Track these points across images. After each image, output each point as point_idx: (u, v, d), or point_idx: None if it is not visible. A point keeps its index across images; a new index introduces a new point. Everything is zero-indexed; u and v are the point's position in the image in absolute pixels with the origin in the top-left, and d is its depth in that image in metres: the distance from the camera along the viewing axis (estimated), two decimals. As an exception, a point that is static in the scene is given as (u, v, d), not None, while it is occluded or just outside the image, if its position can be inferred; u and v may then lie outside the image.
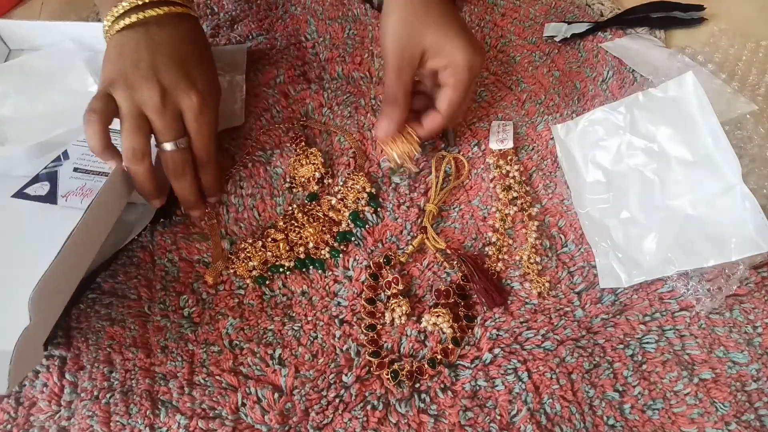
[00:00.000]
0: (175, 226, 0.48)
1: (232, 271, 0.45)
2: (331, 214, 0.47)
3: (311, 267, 0.45)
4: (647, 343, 0.41)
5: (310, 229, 0.46)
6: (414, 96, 0.47)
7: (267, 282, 0.45)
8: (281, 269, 0.45)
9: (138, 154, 0.41)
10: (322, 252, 0.46)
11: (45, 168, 0.44)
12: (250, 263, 0.45)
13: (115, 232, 0.45)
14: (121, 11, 0.42)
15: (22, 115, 0.53)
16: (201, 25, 0.49)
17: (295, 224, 0.47)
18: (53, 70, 0.56)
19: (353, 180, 0.49)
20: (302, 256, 0.46)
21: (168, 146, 0.43)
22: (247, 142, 0.53)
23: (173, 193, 0.46)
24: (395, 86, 0.45)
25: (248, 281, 0.45)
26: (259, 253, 0.45)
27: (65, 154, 0.45)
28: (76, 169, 0.44)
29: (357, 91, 0.57)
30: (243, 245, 0.46)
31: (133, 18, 0.42)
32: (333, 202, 0.48)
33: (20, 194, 0.42)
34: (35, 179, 0.43)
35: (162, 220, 0.48)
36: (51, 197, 0.42)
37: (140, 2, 0.43)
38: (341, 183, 0.49)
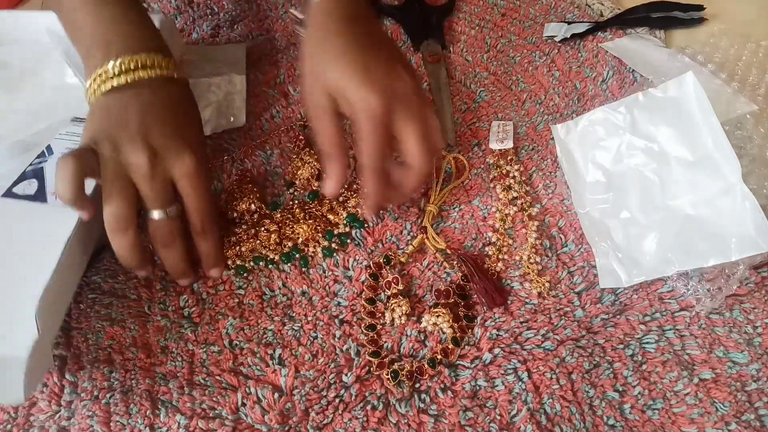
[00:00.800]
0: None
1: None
2: (329, 215, 0.47)
3: (295, 262, 0.46)
4: (647, 343, 0.41)
5: (304, 226, 0.46)
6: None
7: (246, 273, 0.45)
8: (262, 261, 0.45)
9: (122, 222, 0.37)
10: (310, 249, 0.46)
11: (30, 165, 0.43)
12: (238, 248, 0.45)
13: (100, 228, 0.45)
14: (110, 74, 0.39)
15: (1, 112, 0.52)
16: (189, 87, 0.45)
17: (291, 219, 0.47)
18: (30, 65, 0.55)
19: (358, 185, 0.49)
20: (286, 249, 0.46)
21: (156, 214, 0.39)
22: (247, 142, 0.53)
23: None
24: (320, 139, 0.42)
25: (231, 267, 0.45)
26: (250, 240, 0.45)
27: (49, 149, 0.44)
28: None
29: (357, 91, 0.56)
30: (236, 229, 0.46)
31: (123, 79, 0.39)
32: (334, 204, 0.48)
33: (9, 194, 0.41)
34: (22, 177, 0.42)
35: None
36: (40, 195, 0.41)
37: (131, 65, 0.40)
38: (345, 185, 0.49)
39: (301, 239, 0.46)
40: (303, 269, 0.45)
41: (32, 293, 0.36)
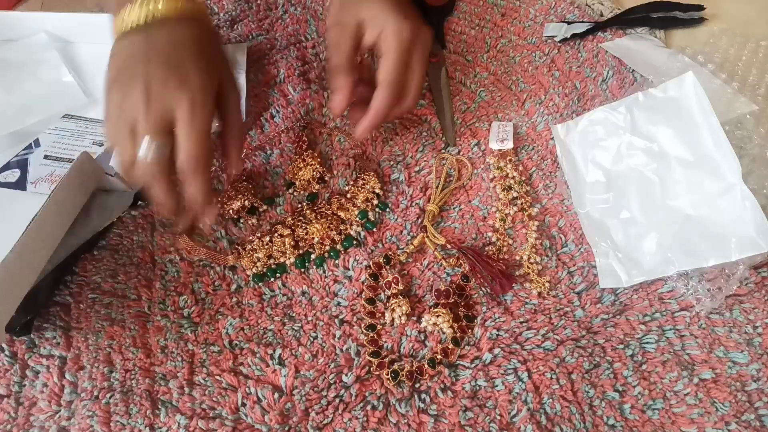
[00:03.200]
0: (176, 225, 0.48)
1: (240, 263, 0.45)
2: (340, 213, 0.47)
3: (309, 264, 0.46)
4: (647, 343, 0.41)
5: (317, 225, 0.46)
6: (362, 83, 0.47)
7: (265, 281, 0.45)
8: (280, 270, 0.45)
9: (127, 160, 0.39)
10: (326, 246, 0.46)
11: (16, 155, 0.44)
12: (255, 255, 0.45)
13: (94, 217, 0.45)
14: (128, 13, 0.40)
15: None
16: (210, 27, 0.45)
17: (303, 221, 0.47)
18: (26, 62, 0.56)
19: (364, 180, 0.49)
20: (301, 251, 0.46)
21: (143, 146, 0.38)
22: (246, 142, 0.53)
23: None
24: (336, 57, 0.45)
25: (249, 276, 0.45)
26: (266, 247, 0.45)
27: (36, 142, 0.45)
28: (46, 156, 0.44)
29: (357, 91, 0.56)
30: (251, 238, 0.46)
31: (135, 18, 0.40)
32: (342, 201, 0.48)
33: None
34: (6, 166, 0.43)
35: (140, 203, 0.49)
36: (20, 184, 0.42)
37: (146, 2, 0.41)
38: (353, 180, 0.49)
39: (316, 239, 0.46)
40: (304, 270, 0.45)
41: None
